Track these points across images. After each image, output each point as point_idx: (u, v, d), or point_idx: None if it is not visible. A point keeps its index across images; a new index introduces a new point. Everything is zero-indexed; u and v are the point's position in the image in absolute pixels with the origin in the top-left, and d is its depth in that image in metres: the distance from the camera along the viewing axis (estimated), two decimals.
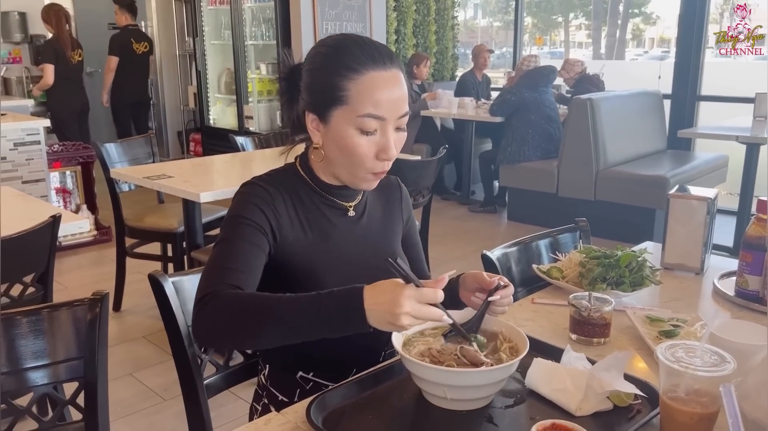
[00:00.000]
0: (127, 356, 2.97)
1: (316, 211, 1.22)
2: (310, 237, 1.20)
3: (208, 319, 1.03)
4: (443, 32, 6.81)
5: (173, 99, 7.25)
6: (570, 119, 4.73)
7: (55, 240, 1.97)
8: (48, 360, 1.26)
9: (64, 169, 4.48)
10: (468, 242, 4.64)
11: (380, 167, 1.15)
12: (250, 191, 1.17)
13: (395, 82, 1.12)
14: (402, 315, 0.92)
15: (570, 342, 1.25)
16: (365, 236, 1.27)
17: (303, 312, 0.98)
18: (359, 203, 1.28)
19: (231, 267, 1.09)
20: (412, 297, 0.93)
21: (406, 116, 1.14)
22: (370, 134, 1.11)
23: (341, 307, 0.96)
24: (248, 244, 1.12)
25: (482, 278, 1.17)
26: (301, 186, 1.22)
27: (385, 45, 1.16)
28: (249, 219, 1.13)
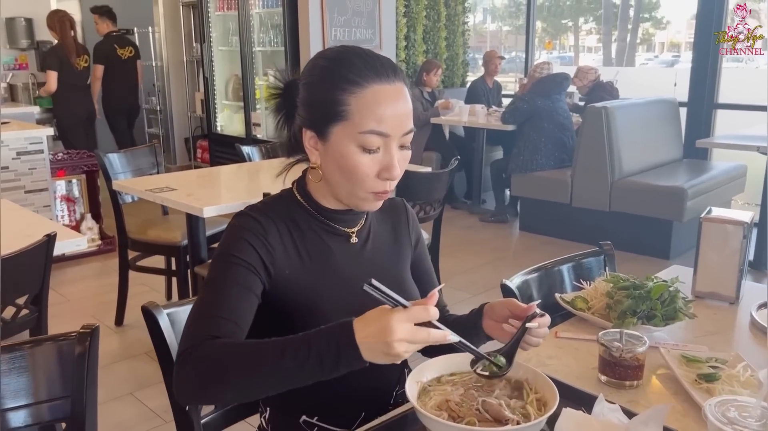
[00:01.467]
0: (129, 374, 2.88)
1: (316, 239, 1.13)
2: (309, 269, 1.10)
3: (189, 375, 0.95)
4: (453, 38, 6.71)
5: (180, 105, 7.19)
6: (584, 127, 4.62)
7: (50, 260, 1.88)
8: (31, 399, 1.16)
9: (68, 177, 4.41)
10: (479, 253, 4.53)
11: (382, 187, 1.06)
12: (241, 224, 1.08)
13: (400, 96, 1.03)
14: (395, 343, 0.83)
15: (599, 385, 1.15)
16: (370, 264, 1.17)
17: (291, 356, 0.89)
18: (362, 228, 1.18)
19: (217, 316, 1.00)
20: (403, 320, 0.84)
21: (411, 133, 1.05)
22: (373, 152, 1.02)
23: (332, 346, 0.87)
24: (237, 287, 1.03)
25: (515, 305, 1.08)
26: (298, 212, 1.13)
27: (389, 58, 1.07)
28: (238, 258, 1.04)
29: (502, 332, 1.08)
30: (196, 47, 6.79)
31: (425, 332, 0.85)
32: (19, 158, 3.89)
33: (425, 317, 0.85)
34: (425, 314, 0.85)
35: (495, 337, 1.12)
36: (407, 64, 6.18)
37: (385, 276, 1.18)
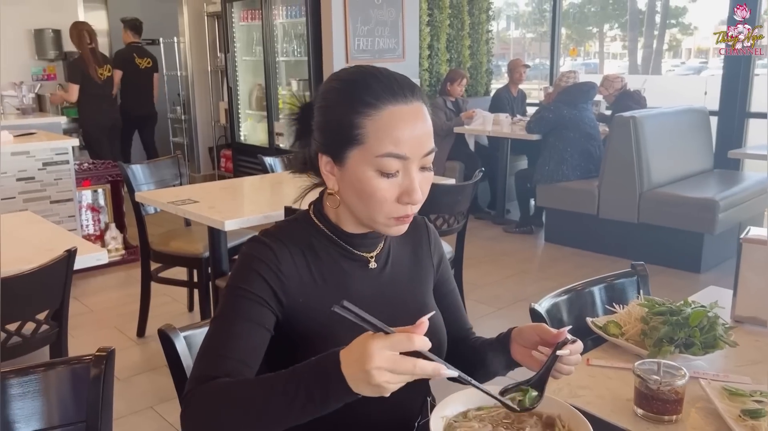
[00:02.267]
0: (149, 387, 2.86)
1: (333, 265, 1.08)
2: (325, 296, 1.05)
3: (192, 420, 0.94)
4: (477, 46, 6.65)
5: (205, 115, 7.23)
6: (612, 137, 4.53)
7: (70, 276, 1.87)
8: (44, 424, 1.13)
9: (94, 187, 4.44)
10: (504, 265, 4.45)
11: (403, 211, 1.01)
12: (252, 254, 1.04)
13: (418, 116, 0.98)
14: (374, 371, 0.77)
15: (635, 419, 1.09)
16: (390, 289, 1.12)
17: (281, 392, 0.85)
18: (381, 252, 1.13)
19: (223, 355, 0.97)
20: (382, 347, 0.78)
21: (432, 154, 1.00)
22: (392, 176, 0.98)
23: (319, 378, 0.83)
24: (246, 323, 0.99)
25: (546, 330, 1.02)
26: (315, 236, 1.08)
27: (406, 77, 1.02)
28: (248, 292, 1.01)
29: (532, 360, 1.03)
30: (220, 57, 6.83)
31: (410, 362, 0.78)
32: (45, 169, 3.92)
33: (407, 346, 0.78)
34: (407, 342, 0.78)
35: (524, 364, 1.07)
36: (430, 73, 6.14)
37: (406, 300, 1.13)
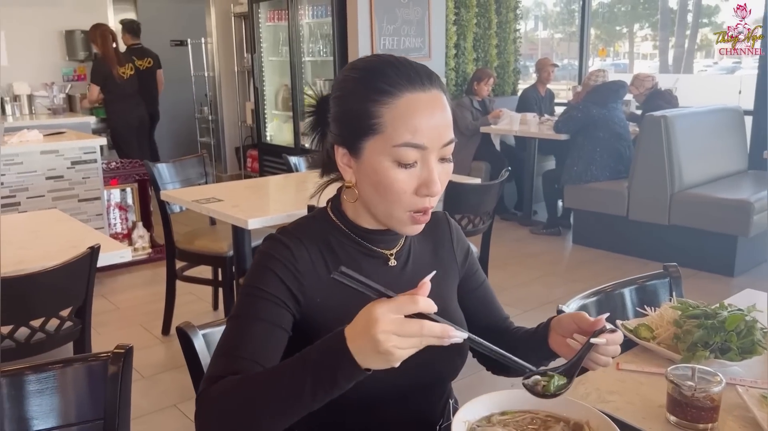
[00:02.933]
0: (173, 385, 2.87)
1: (351, 263, 1.04)
2: (342, 295, 1.02)
3: (206, 418, 0.92)
4: (504, 45, 6.58)
5: (231, 115, 7.27)
6: (642, 137, 4.43)
7: (93, 273, 1.87)
8: (61, 421, 1.12)
9: (121, 185, 4.48)
10: (530, 267, 4.38)
11: (421, 204, 0.97)
12: (269, 253, 1.01)
13: (437, 104, 0.94)
14: (380, 335, 0.74)
15: (668, 426, 1.04)
16: (411, 286, 1.08)
17: (289, 377, 0.84)
18: (401, 249, 1.09)
19: (237, 356, 0.95)
20: (387, 310, 0.75)
21: (452, 144, 0.96)
22: (410, 167, 0.94)
23: (325, 357, 0.81)
24: (261, 324, 0.97)
25: (583, 318, 0.98)
26: (332, 234, 1.05)
27: (425, 65, 0.98)
28: (264, 291, 0.98)
29: (567, 348, 0.99)
30: (247, 57, 6.86)
31: (416, 324, 0.75)
32: (74, 167, 3.97)
33: (412, 307, 0.76)
34: (411, 304, 0.76)
35: (560, 354, 1.03)
36: (457, 72, 6.09)
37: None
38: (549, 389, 0.89)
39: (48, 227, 2.39)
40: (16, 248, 2.12)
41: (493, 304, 1.21)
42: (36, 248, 2.13)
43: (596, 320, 0.96)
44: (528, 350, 1.06)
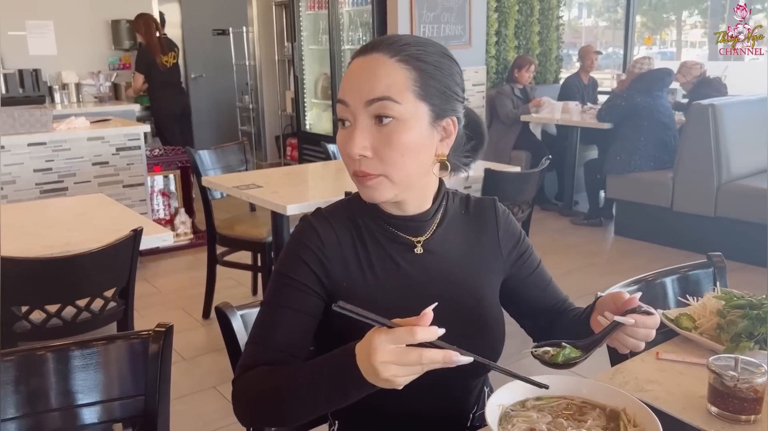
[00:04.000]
0: (213, 367, 2.93)
1: (378, 248, 1.05)
2: (369, 279, 1.03)
3: (239, 409, 1.01)
4: (547, 33, 6.46)
5: (272, 104, 7.34)
6: (688, 127, 4.31)
7: (136, 255, 1.92)
8: (104, 396, 1.15)
9: (164, 172, 4.57)
10: (571, 258, 4.32)
11: (352, 166, 0.97)
12: (299, 238, 1.04)
13: (368, 65, 0.95)
14: (380, 365, 0.76)
15: (708, 417, 1.01)
16: (439, 276, 1.06)
17: (308, 385, 0.90)
18: (431, 238, 1.07)
19: (267, 344, 1.01)
20: (384, 341, 0.77)
21: (381, 102, 0.93)
22: (346, 124, 0.97)
23: (339, 371, 0.84)
24: (290, 312, 1.01)
25: (620, 296, 0.96)
26: (362, 217, 1.06)
27: (396, 35, 0.98)
28: (293, 279, 1.01)
29: (598, 326, 0.97)
30: (287, 46, 6.90)
31: (415, 353, 0.76)
32: (119, 154, 4.06)
33: (409, 339, 0.76)
34: (409, 336, 0.76)
35: (595, 332, 1.00)
36: (497, 60, 6.01)
37: (456, 290, 1.07)
38: (557, 359, 0.89)
39: (94, 211, 2.46)
40: (64, 230, 2.18)
41: (549, 288, 1.19)
42: (82, 231, 2.19)
43: (629, 299, 0.94)
44: (577, 331, 1.04)
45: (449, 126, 1.00)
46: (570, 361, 0.88)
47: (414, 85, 0.94)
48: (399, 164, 0.95)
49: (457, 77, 1.00)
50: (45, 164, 3.79)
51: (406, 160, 0.95)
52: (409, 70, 0.94)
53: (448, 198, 1.10)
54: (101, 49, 6.16)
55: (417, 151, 0.96)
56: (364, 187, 0.98)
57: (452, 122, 1.00)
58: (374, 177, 0.96)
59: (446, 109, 0.98)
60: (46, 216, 2.41)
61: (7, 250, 1.78)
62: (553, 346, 0.91)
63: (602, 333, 0.92)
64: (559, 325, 1.15)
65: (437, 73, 0.96)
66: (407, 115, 0.94)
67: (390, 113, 0.93)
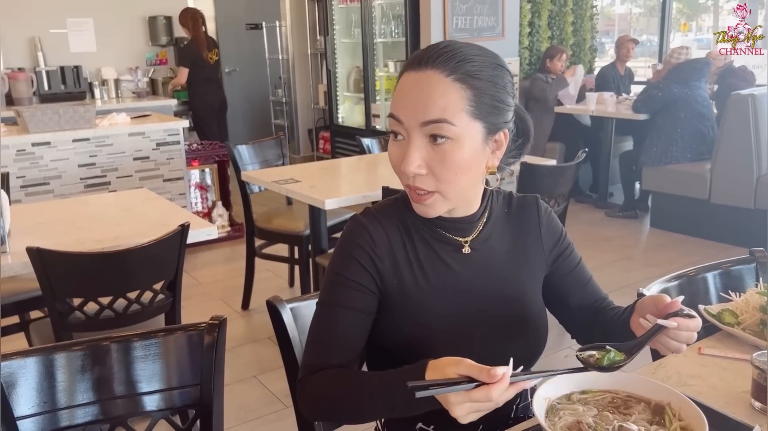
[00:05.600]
0: (253, 357, 3.00)
1: (426, 247, 1.08)
2: (417, 278, 1.06)
3: (305, 406, 1.06)
4: (581, 23, 6.39)
5: (305, 97, 7.40)
6: (727, 117, 4.24)
7: (183, 249, 1.98)
8: (163, 385, 1.21)
9: (202, 166, 4.66)
10: (606, 251, 4.30)
11: (405, 180, 1.01)
12: (351, 237, 1.07)
13: (420, 82, 0.96)
14: (459, 418, 0.83)
15: (752, 412, 1.03)
16: (485, 276, 1.09)
17: (375, 397, 0.95)
18: (478, 237, 1.10)
19: (328, 344, 1.05)
20: (460, 403, 0.82)
21: (437, 125, 0.94)
22: (398, 138, 0.99)
23: (408, 395, 0.85)
24: (347, 312, 1.05)
25: (662, 299, 0.97)
26: (410, 217, 1.08)
27: (451, 48, 0.97)
28: (348, 279, 1.05)
29: (641, 328, 0.98)
30: (319, 40, 6.95)
31: (491, 403, 0.82)
32: (159, 149, 4.16)
33: (486, 403, 0.82)
34: (485, 398, 0.81)
35: (637, 335, 1.01)
36: (530, 51, 5.98)
37: (502, 290, 1.10)
38: (602, 362, 0.90)
39: (140, 205, 2.54)
40: (113, 224, 2.27)
41: (589, 285, 1.20)
42: (130, 225, 2.27)
43: (671, 302, 0.95)
44: (616, 330, 1.06)
45: (501, 138, 1.02)
46: (615, 364, 0.90)
47: (469, 105, 0.95)
48: (452, 182, 0.98)
49: (509, 87, 1.01)
50: (89, 159, 3.91)
51: (459, 178, 0.98)
52: (464, 89, 0.95)
53: (492, 197, 1.13)
54: (139, 45, 6.29)
55: (470, 167, 0.98)
56: (419, 204, 1.02)
57: (504, 134, 1.02)
58: (429, 195, 1.00)
59: (498, 123, 1.00)
60: (94, 211, 2.50)
61: (60, 244, 1.86)
62: (598, 349, 0.92)
63: (645, 336, 0.93)
64: (598, 323, 1.16)
65: (491, 89, 0.97)
66: (461, 134, 0.96)
67: (445, 134, 0.95)
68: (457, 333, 1.06)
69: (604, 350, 0.92)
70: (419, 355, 0.94)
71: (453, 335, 1.05)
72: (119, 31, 6.15)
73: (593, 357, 0.91)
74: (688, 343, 0.96)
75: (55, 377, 1.13)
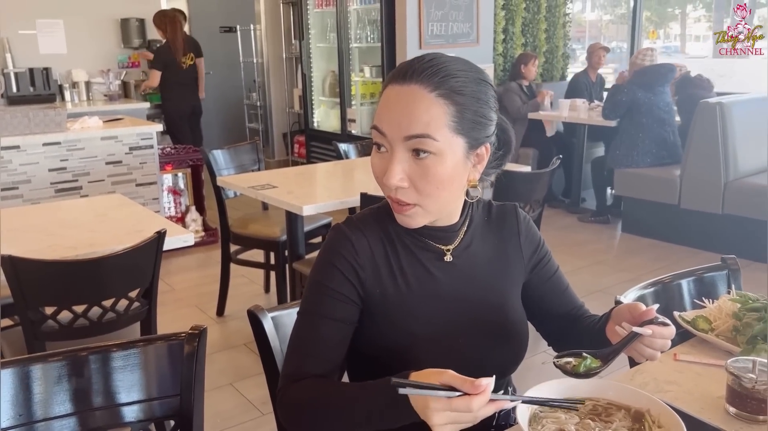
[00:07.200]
0: (228, 364, 2.98)
1: (409, 256, 1.08)
2: (400, 287, 1.07)
3: (285, 416, 1.05)
4: (554, 30, 6.49)
5: (279, 101, 7.37)
6: (696, 125, 4.33)
7: (160, 256, 1.96)
8: (143, 396, 1.20)
9: (175, 171, 4.61)
10: (578, 255, 4.36)
11: (388, 192, 1.02)
12: (333, 246, 1.07)
13: (404, 97, 0.96)
14: (435, 427, 0.82)
15: (727, 417, 1.05)
16: (467, 284, 1.10)
17: (358, 408, 0.94)
18: (459, 245, 1.11)
19: (309, 354, 1.05)
20: (439, 410, 0.82)
21: (420, 140, 0.96)
22: (381, 149, 1.00)
23: (390, 403, 0.88)
24: (329, 322, 1.05)
25: (637, 307, 1.00)
26: (392, 225, 1.09)
27: (435, 62, 0.98)
28: (329, 289, 1.05)
29: (616, 336, 1.00)
30: (294, 44, 6.93)
31: (470, 416, 0.82)
32: (132, 153, 4.10)
33: (465, 410, 0.81)
34: (465, 408, 0.81)
35: (612, 342, 1.03)
36: (505, 57, 6.04)
37: (484, 297, 1.12)
38: (578, 369, 0.93)
39: (113, 211, 2.50)
40: (87, 231, 2.23)
41: (566, 293, 1.22)
42: (104, 231, 2.24)
43: (646, 310, 0.97)
44: (592, 338, 1.08)
45: (482, 152, 1.03)
46: (591, 371, 0.92)
47: (451, 120, 0.96)
48: (434, 196, 0.99)
49: (491, 101, 1.02)
50: (60, 164, 3.84)
51: (440, 192, 0.99)
52: (447, 105, 0.96)
53: (472, 206, 1.14)
54: (111, 47, 6.20)
55: (451, 182, 1.00)
56: (400, 215, 1.03)
57: (485, 149, 1.03)
58: (410, 207, 1.01)
59: (480, 137, 1.01)
60: (67, 217, 2.46)
61: (32, 251, 1.82)
62: (574, 356, 0.95)
63: (621, 344, 0.96)
64: (575, 331, 1.18)
65: (474, 104, 0.98)
66: (444, 149, 0.97)
67: (428, 149, 0.96)
68: (440, 340, 1.07)
69: (581, 357, 0.94)
70: (402, 363, 0.95)
71: (436, 342, 1.06)
72: (90, 32, 6.06)
73: (570, 364, 0.93)
74: (663, 351, 0.98)
75: (31, 389, 1.11)
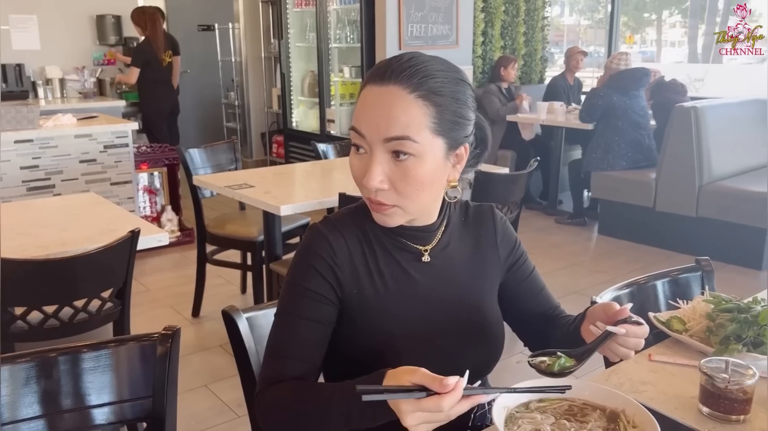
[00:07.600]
0: (203, 366, 2.94)
1: (387, 256, 1.08)
2: (377, 287, 1.06)
3: (264, 420, 1.04)
4: (532, 33, 6.53)
5: (258, 101, 7.32)
6: (671, 129, 4.39)
7: (133, 256, 1.93)
8: (114, 397, 1.18)
9: (151, 169, 4.55)
10: (555, 257, 4.39)
11: (367, 194, 1.01)
12: (310, 246, 1.06)
13: (382, 98, 0.95)
14: (411, 428, 0.82)
15: (700, 417, 1.06)
16: (444, 284, 1.10)
17: (334, 408, 0.93)
18: (437, 245, 1.11)
19: (287, 356, 1.03)
20: (410, 411, 0.81)
21: (400, 141, 0.95)
22: (360, 151, 0.99)
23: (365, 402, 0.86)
24: (306, 323, 1.04)
25: (611, 307, 1.00)
26: (370, 225, 1.08)
27: (414, 62, 0.96)
28: (307, 289, 1.04)
29: (591, 335, 1.01)
30: (273, 43, 6.89)
31: (442, 415, 0.81)
32: (106, 151, 4.04)
33: (435, 410, 0.80)
34: (435, 408, 0.80)
35: (587, 341, 1.04)
36: (484, 60, 6.07)
37: (461, 298, 1.12)
38: (553, 368, 0.93)
39: (87, 210, 2.46)
40: (59, 230, 2.19)
41: (542, 294, 1.23)
42: (77, 230, 2.20)
43: (620, 309, 0.98)
44: (567, 338, 1.08)
45: (462, 152, 1.03)
46: (565, 370, 0.93)
47: (431, 122, 0.96)
48: (414, 197, 0.99)
49: (470, 101, 1.02)
50: (32, 161, 3.78)
51: (420, 194, 0.99)
52: (426, 106, 0.95)
53: (450, 206, 1.14)
54: (86, 44, 6.11)
55: (431, 183, 0.99)
56: (379, 214, 1.02)
57: (464, 148, 1.03)
58: (389, 207, 1.00)
59: (459, 138, 1.00)
60: (39, 215, 2.41)
61: (2, 250, 1.78)
62: (549, 356, 0.95)
63: (595, 343, 0.96)
64: (550, 331, 1.19)
65: (453, 105, 0.98)
66: (424, 151, 0.96)
67: (408, 150, 0.95)
68: (418, 340, 1.06)
69: (555, 356, 0.94)
70: (381, 364, 0.94)
71: (413, 342, 1.06)
72: (65, 29, 5.96)
73: (544, 363, 0.94)
74: (636, 350, 0.99)
75: None
